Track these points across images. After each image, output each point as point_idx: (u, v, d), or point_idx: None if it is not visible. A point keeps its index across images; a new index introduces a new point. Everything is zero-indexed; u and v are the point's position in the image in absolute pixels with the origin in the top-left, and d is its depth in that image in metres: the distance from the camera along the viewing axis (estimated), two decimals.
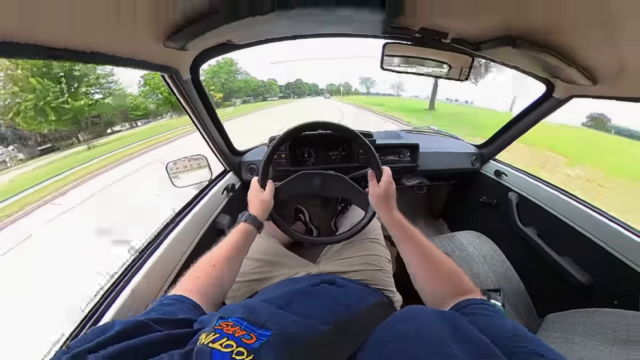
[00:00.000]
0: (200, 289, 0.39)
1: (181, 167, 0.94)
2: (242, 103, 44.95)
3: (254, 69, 78.32)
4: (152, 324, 0.25)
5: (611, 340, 0.55)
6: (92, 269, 2.59)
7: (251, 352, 0.23)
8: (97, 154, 11.55)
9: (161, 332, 0.25)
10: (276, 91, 62.02)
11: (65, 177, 8.60)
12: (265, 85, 59.68)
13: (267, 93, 57.98)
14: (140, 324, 0.25)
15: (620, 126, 14.40)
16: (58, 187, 7.68)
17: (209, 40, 0.56)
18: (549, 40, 0.50)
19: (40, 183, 8.23)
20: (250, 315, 0.28)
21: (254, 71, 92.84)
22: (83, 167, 9.64)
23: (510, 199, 1.02)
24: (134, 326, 0.24)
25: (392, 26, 0.57)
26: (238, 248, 0.49)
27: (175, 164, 0.92)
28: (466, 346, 0.23)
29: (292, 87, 72.10)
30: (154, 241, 0.62)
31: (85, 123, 19.35)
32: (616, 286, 0.69)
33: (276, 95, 60.13)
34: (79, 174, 8.75)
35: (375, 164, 0.57)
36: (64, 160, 12.85)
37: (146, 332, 0.24)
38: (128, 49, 0.45)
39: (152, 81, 24.98)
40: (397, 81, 57.41)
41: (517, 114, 0.97)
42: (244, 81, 49.90)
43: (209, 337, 0.23)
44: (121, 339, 0.22)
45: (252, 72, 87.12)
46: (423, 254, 0.45)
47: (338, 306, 0.41)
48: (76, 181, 8.07)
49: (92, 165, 9.74)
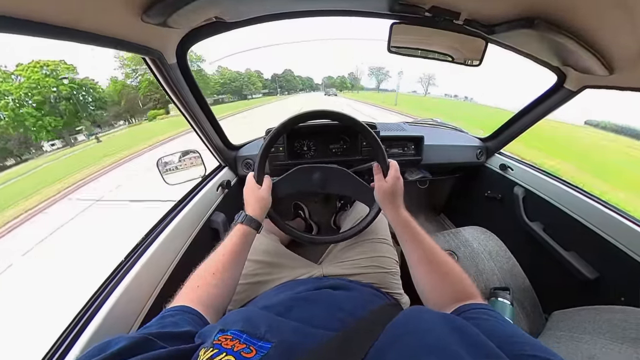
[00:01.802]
0: (202, 299, 0.38)
1: (173, 163, 0.89)
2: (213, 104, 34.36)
3: (229, 59, 64.38)
4: (155, 340, 0.25)
5: (620, 339, 0.53)
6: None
7: None
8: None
9: (165, 349, 0.24)
10: (258, 87, 49.85)
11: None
12: (242, 78, 46.28)
13: (247, 89, 46.12)
14: (144, 339, 0.24)
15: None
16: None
17: (194, 17, 0.49)
18: (567, 22, 0.47)
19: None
20: (249, 327, 0.27)
21: (228, 61, 75.09)
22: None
23: (516, 194, 1.00)
24: (137, 342, 0.24)
25: (400, 3, 0.52)
26: (237, 252, 0.46)
27: (167, 160, 0.88)
28: (473, 350, 0.22)
29: (279, 80, 57.71)
30: (142, 243, 0.58)
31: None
32: (624, 282, 0.68)
33: (259, 92, 49.11)
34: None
35: (382, 156, 0.53)
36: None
37: (150, 348, 0.24)
38: (103, 24, 0.39)
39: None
40: (427, 73, 42.61)
41: (524, 106, 0.93)
42: (200, 75, 33.00)
43: (207, 354, 0.23)
44: (122, 356, 0.22)
45: (226, 62, 66.88)
46: (427, 257, 0.43)
47: (342, 312, 0.38)
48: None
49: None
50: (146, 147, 11.91)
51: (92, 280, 0.51)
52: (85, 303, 0.45)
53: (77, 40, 0.38)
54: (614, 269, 0.71)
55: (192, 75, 0.66)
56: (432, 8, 0.53)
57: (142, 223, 0.84)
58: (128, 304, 0.47)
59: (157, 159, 0.85)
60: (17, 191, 9.46)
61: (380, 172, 0.53)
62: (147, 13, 0.40)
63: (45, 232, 4.99)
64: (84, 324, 0.41)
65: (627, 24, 0.42)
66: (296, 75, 67.01)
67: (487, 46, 0.60)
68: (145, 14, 0.40)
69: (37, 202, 7.33)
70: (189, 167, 0.90)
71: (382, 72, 59.76)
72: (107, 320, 0.42)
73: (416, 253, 0.45)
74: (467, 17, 0.56)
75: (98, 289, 0.47)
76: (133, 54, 0.51)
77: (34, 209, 6.95)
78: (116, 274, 0.50)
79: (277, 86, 57.84)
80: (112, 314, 0.43)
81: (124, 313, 0.46)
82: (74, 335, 0.40)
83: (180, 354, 0.24)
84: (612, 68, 0.57)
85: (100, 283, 0.49)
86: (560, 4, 0.43)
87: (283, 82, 61.31)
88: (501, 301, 0.72)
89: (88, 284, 0.53)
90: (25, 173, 15.27)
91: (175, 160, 0.90)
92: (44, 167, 15.64)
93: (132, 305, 0.48)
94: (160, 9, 0.40)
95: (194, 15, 0.48)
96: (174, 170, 0.88)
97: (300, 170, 0.59)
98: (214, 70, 40.44)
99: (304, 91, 62.05)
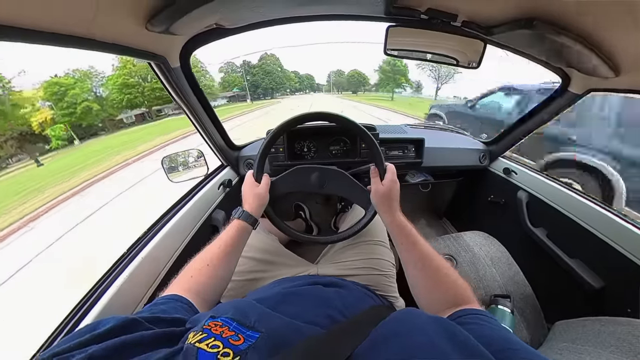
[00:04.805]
0: (194, 288, 0.39)
1: (177, 162, 0.93)
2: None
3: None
4: (143, 322, 0.25)
5: (626, 352, 0.51)
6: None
7: (237, 353, 0.22)
8: None
9: (152, 330, 0.24)
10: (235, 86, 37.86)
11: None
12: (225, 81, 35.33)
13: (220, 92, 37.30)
14: (132, 321, 0.25)
15: None
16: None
17: (195, 24, 0.52)
18: (569, 22, 0.45)
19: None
20: (240, 315, 0.27)
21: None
22: None
23: (519, 198, 0.97)
24: (125, 323, 0.24)
25: (395, 6, 0.52)
26: (232, 246, 0.47)
27: (171, 159, 0.91)
28: (462, 351, 0.22)
29: (251, 73, 36.22)
30: (143, 238, 0.60)
31: None
32: (631, 292, 0.65)
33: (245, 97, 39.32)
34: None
35: (379, 159, 0.53)
36: None
37: (136, 329, 0.24)
38: (112, 34, 0.42)
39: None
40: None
41: (529, 110, 0.91)
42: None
43: (196, 337, 0.23)
44: (110, 335, 0.22)
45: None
46: (422, 261, 0.43)
47: (332, 309, 0.38)
48: None
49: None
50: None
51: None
52: (85, 294, 0.47)
53: (87, 48, 0.40)
54: (620, 279, 0.68)
55: (195, 78, 0.69)
56: (428, 10, 0.53)
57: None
58: (127, 296, 0.49)
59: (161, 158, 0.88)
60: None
61: (377, 175, 0.53)
62: (151, 22, 0.43)
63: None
64: (82, 314, 0.42)
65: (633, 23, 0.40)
66: (285, 69, 43.69)
67: (485, 47, 0.59)
68: (150, 23, 0.43)
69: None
70: (192, 166, 0.93)
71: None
72: (106, 311, 0.44)
73: (411, 257, 0.44)
74: (464, 18, 0.56)
75: (98, 281, 0.49)
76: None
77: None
78: (116, 267, 0.52)
79: (247, 84, 34.09)
80: (110, 305, 0.45)
81: (122, 304, 0.48)
82: (72, 324, 0.41)
83: (167, 336, 0.24)
84: (619, 70, 0.56)
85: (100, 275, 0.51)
86: (561, 5, 0.42)
87: (259, 79, 36.50)
88: (501, 309, 0.70)
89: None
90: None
91: (179, 159, 0.94)
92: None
93: (130, 297, 0.50)
94: (163, 17, 0.42)
95: (195, 22, 0.51)
96: (178, 169, 0.92)
97: (298, 170, 0.60)
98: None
99: (301, 92, 47.08)
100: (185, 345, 0.22)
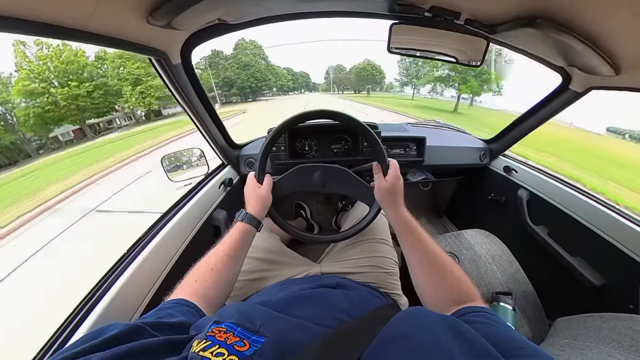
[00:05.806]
0: (200, 293, 0.39)
1: (177, 161, 0.92)
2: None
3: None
4: (148, 329, 0.25)
5: (627, 348, 0.51)
6: None
7: None
8: None
9: (158, 338, 0.24)
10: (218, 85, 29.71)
11: None
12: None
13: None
14: (136, 328, 0.24)
15: None
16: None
17: (198, 19, 0.51)
18: (572, 21, 0.46)
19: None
20: (245, 320, 0.27)
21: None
22: None
23: (520, 196, 0.98)
24: (130, 330, 0.24)
25: (399, 3, 0.52)
26: (237, 249, 0.47)
27: (171, 158, 0.90)
28: (470, 351, 0.22)
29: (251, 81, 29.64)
30: (144, 238, 0.59)
31: None
32: (631, 289, 0.66)
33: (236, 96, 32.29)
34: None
35: (382, 156, 0.53)
36: None
37: (143, 336, 0.24)
38: (112, 27, 0.41)
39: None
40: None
41: (529, 108, 0.91)
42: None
43: (200, 345, 0.22)
44: (115, 342, 0.22)
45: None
46: (427, 257, 0.43)
47: (339, 311, 0.38)
48: None
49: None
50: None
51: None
52: (86, 295, 0.46)
53: (86, 41, 0.40)
54: (621, 276, 0.68)
55: (196, 76, 0.68)
56: (431, 8, 0.53)
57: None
58: (128, 297, 0.48)
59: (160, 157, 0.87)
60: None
61: (380, 172, 0.53)
62: (153, 15, 0.42)
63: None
64: (83, 315, 0.42)
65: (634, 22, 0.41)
66: (273, 63, 37.07)
67: (488, 46, 0.60)
68: (151, 16, 0.42)
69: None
70: (192, 165, 0.92)
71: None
72: (107, 312, 0.43)
73: (416, 253, 0.44)
74: (467, 16, 0.56)
75: (99, 282, 0.48)
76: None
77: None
78: (117, 267, 0.51)
79: (216, 83, 30.10)
80: (112, 306, 0.44)
81: (124, 305, 0.47)
82: (73, 326, 0.41)
83: (172, 344, 0.24)
84: (619, 68, 0.56)
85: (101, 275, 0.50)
86: (564, 3, 0.42)
87: (232, 75, 31.09)
88: (503, 306, 0.71)
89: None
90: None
91: (179, 158, 0.92)
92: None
93: (132, 298, 0.49)
94: (165, 11, 0.41)
95: (197, 17, 0.50)
96: (178, 168, 0.91)
97: (301, 169, 0.59)
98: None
99: (295, 92, 40.95)
100: (189, 355, 0.22)
